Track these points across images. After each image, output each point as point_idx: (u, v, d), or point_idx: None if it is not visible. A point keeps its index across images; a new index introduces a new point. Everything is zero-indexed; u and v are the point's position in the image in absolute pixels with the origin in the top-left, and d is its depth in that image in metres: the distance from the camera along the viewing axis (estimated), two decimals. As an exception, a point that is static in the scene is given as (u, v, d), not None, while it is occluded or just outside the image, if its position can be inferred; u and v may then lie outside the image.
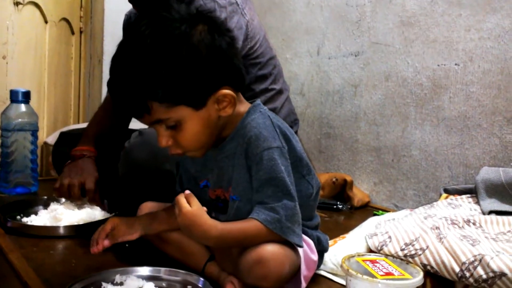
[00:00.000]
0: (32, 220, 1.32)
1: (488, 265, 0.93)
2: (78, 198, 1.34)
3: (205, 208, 0.87)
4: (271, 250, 0.85)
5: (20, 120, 1.65)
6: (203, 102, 0.84)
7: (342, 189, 1.77)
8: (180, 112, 0.83)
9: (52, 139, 2.12)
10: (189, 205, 0.86)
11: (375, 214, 1.59)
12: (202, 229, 0.85)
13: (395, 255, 1.05)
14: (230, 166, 0.92)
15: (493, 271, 0.92)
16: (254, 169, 0.88)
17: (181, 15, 0.83)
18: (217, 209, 0.96)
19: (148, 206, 1.09)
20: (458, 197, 1.40)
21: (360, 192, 1.83)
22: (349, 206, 1.75)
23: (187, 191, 0.88)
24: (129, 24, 0.84)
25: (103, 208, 1.38)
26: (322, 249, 1.01)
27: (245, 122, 0.91)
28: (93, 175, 1.36)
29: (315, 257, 0.96)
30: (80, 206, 1.39)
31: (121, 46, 0.85)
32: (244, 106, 0.93)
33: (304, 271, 0.92)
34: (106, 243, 0.96)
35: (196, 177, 1.00)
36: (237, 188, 0.91)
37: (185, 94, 0.82)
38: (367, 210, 1.76)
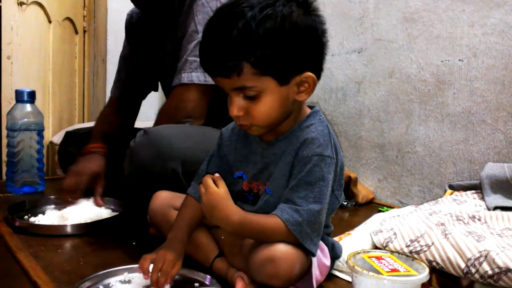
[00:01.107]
0: (40, 219, 1.33)
1: (493, 261, 0.94)
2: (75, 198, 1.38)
3: None
4: (283, 249, 0.85)
5: (26, 120, 1.66)
6: (289, 79, 0.86)
7: (346, 186, 1.77)
8: (265, 83, 0.84)
9: (57, 139, 2.13)
10: (217, 187, 0.88)
11: (379, 211, 1.60)
12: (225, 211, 0.87)
13: (400, 251, 1.06)
14: (275, 162, 0.93)
15: (498, 267, 0.93)
16: (297, 169, 0.89)
17: None
18: (246, 201, 0.98)
19: (162, 196, 1.10)
20: (463, 193, 1.40)
21: (365, 188, 1.83)
22: (353, 203, 1.75)
23: (217, 174, 0.90)
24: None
25: (97, 204, 1.40)
26: (334, 256, 1.02)
27: (303, 125, 0.92)
28: (89, 171, 1.39)
29: (328, 262, 0.97)
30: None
31: (231, 5, 0.85)
32: (304, 108, 0.95)
33: (318, 276, 0.93)
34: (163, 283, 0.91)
35: (233, 166, 1.01)
36: (273, 183, 0.93)
37: (277, 65, 0.83)
38: (372, 206, 1.76)
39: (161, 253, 0.93)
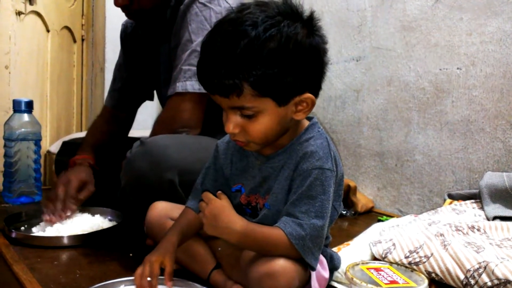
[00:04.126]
0: (36, 230, 1.32)
1: (493, 272, 0.93)
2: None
3: None
4: (283, 264, 0.84)
5: (23, 129, 1.66)
6: (288, 100, 0.85)
7: (345, 195, 1.77)
8: (264, 104, 0.83)
9: (55, 148, 2.12)
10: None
11: (379, 220, 1.59)
12: (228, 219, 0.86)
13: (399, 262, 1.05)
14: (274, 176, 0.92)
15: (498, 278, 0.92)
16: (297, 183, 0.87)
17: (282, 11, 0.84)
18: (244, 214, 0.96)
19: (159, 206, 1.09)
20: (462, 202, 1.39)
21: (364, 197, 1.82)
22: (353, 212, 1.74)
23: (219, 192, 0.91)
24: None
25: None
26: (333, 267, 1.00)
27: (302, 139, 0.91)
28: (78, 178, 1.35)
29: (326, 274, 0.95)
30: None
31: (233, 21, 0.83)
32: (302, 121, 0.94)
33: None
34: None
35: (229, 179, 0.99)
36: (272, 197, 0.91)
37: (277, 87, 0.82)
38: (371, 215, 1.75)
39: (147, 258, 0.92)
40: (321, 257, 0.95)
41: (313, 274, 0.91)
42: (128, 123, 1.67)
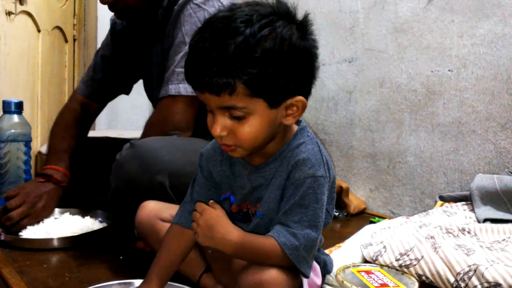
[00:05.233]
0: (26, 233, 1.31)
1: (482, 275, 0.93)
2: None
3: None
4: (274, 274, 0.82)
5: (13, 131, 1.65)
6: (280, 102, 0.82)
7: (338, 196, 1.76)
8: (256, 104, 0.80)
9: (45, 149, 2.11)
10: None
11: (371, 221, 1.59)
12: (224, 230, 0.84)
13: (390, 265, 1.04)
14: (264, 185, 0.89)
15: (487, 282, 0.92)
16: (290, 192, 0.85)
17: (275, 10, 0.82)
18: (234, 221, 0.93)
19: (149, 206, 1.08)
20: (453, 204, 1.40)
21: (356, 199, 1.82)
22: (345, 213, 1.74)
23: (211, 201, 0.88)
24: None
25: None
26: (325, 272, 0.99)
27: (292, 145, 0.88)
28: (43, 214, 1.34)
29: (319, 281, 0.94)
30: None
31: (225, 18, 0.80)
32: (291, 126, 0.91)
33: None
34: None
35: (218, 187, 0.97)
36: (263, 206, 0.89)
37: (271, 87, 0.80)
38: (364, 217, 1.75)
39: None
40: (315, 264, 0.94)
41: (305, 281, 0.90)
42: (97, 113, 1.67)
